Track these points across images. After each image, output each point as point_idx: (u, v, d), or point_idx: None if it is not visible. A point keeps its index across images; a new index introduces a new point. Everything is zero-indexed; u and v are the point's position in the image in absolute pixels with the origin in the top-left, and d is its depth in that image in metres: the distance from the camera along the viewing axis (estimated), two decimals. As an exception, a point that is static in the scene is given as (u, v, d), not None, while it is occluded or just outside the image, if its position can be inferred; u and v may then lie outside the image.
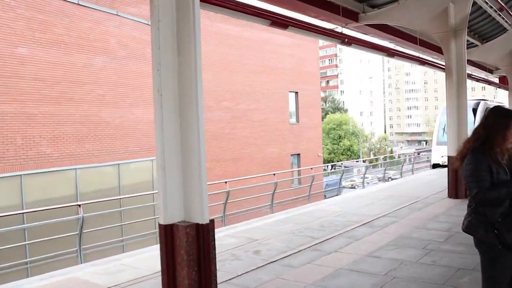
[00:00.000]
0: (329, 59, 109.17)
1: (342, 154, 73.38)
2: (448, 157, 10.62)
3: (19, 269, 11.40)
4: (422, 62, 13.59)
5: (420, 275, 5.34)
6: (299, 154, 30.40)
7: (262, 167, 26.56)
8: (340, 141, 74.68)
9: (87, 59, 16.20)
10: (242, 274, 5.51)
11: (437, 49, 13.26)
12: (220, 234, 7.88)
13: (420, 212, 9.08)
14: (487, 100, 21.19)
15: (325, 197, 17.01)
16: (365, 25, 10.72)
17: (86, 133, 16.42)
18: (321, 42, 46.21)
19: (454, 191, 10.39)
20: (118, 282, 5.35)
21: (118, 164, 18.04)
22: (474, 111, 18.99)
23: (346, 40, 9.46)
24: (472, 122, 17.78)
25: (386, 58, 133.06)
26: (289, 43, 29.52)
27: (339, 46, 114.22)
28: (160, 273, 5.64)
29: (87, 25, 16.26)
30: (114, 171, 18.03)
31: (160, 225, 3.78)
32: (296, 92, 30.05)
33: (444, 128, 18.86)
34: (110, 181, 17.93)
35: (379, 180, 23.21)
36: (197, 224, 3.76)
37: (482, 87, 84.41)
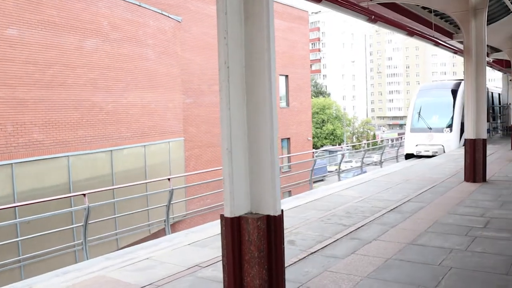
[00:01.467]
0: (312, 43, 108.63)
1: (326, 138, 73.42)
2: (466, 140, 10.30)
3: (9, 268, 10.80)
4: (438, 43, 13.32)
5: (477, 264, 5.00)
6: (289, 138, 30.07)
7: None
8: (323, 125, 74.57)
9: (79, 41, 15.44)
10: (287, 266, 5.09)
11: (449, 34, 13.63)
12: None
13: (444, 197, 8.76)
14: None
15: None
16: (379, 4, 10.27)
17: (79, 119, 15.72)
18: (308, 25, 45.65)
19: (472, 175, 10.11)
20: (152, 280, 4.89)
21: (111, 150, 17.42)
22: (454, 92, 18.28)
23: (373, 17, 9.05)
24: (451, 105, 17.88)
25: (369, 42, 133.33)
26: (283, 27, 29.04)
27: (322, 29, 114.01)
28: (196, 268, 5.25)
29: (78, 6, 15.49)
30: (107, 157, 17.41)
31: (225, 218, 3.31)
32: (287, 76, 29.62)
33: (419, 113, 18.48)
34: (103, 168, 17.31)
35: (375, 165, 22.82)
36: (268, 216, 3.31)
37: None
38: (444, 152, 17.36)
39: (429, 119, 18.40)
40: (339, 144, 71.59)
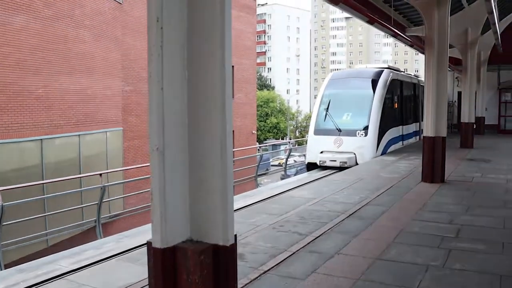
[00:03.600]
0: (258, 36, 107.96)
1: (269, 132, 73.10)
2: (424, 137, 9.68)
3: None
4: (396, 34, 12.76)
5: (461, 287, 4.21)
6: (233, 131, 29.01)
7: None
8: (267, 119, 74.19)
9: (6, 16, 13.69)
10: (235, 293, 4.09)
11: (402, 28, 13.26)
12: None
13: (404, 200, 8.04)
14: (392, 68, 16.99)
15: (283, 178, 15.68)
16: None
17: (4, 104, 13.99)
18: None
19: (430, 175, 9.50)
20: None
21: (41, 139, 15.75)
22: (374, 82, 14.67)
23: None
24: (368, 100, 14.26)
25: (314, 37, 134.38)
26: (227, 14, 27.81)
27: (267, 22, 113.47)
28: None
29: (5, -23, 13.72)
30: (37, 147, 15.73)
31: (153, 249, 2.25)
32: (232, 66, 28.43)
33: (327, 109, 14.61)
34: (32, 159, 15.63)
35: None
36: (216, 247, 2.27)
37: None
38: (356, 163, 13.48)
39: (338, 118, 14.40)
40: (282, 138, 71.45)
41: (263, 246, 5.44)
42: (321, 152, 13.94)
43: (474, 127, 17.20)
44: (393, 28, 12.77)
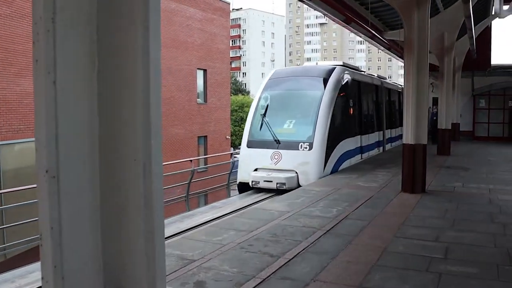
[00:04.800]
0: (232, 40, 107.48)
1: (244, 137, 72.32)
2: (404, 145, 9.14)
3: None
4: (374, 36, 12.23)
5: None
6: (206, 136, 28.21)
7: (165, 149, 24.15)
8: (242, 124, 73.45)
9: (-41, 14, 12.76)
10: (190, 337, 3.37)
11: (379, 31, 12.45)
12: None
13: (385, 213, 7.44)
14: (348, 66, 14.26)
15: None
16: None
17: (-43, 106, 13.05)
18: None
19: (410, 185, 8.95)
20: None
21: None
22: (323, 82, 11.94)
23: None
24: (316, 104, 11.53)
25: (289, 42, 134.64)
26: (199, 16, 27.12)
27: (242, 27, 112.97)
28: None
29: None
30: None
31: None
32: (205, 70, 27.76)
33: (264, 115, 11.89)
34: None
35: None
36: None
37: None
38: (298, 184, 10.73)
39: (278, 126, 11.65)
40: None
41: (228, 272, 4.73)
42: (255, 170, 11.20)
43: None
44: (370, 29, 12.25)
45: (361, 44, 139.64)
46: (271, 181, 10.71)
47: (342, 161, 12.31)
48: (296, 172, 10.87)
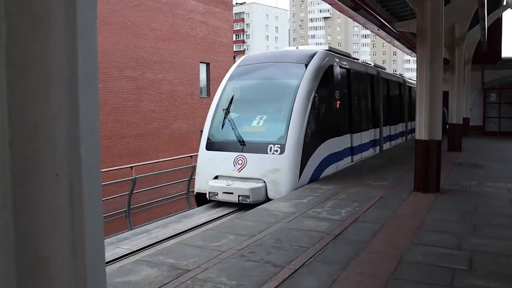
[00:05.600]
0: (236, 34, 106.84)
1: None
2: (417, 141, 8.55)
3: None
4: (384, 25, 11.63)
5: None
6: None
7: (168, 144, 23.67)
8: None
9: None
10: None
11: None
12: (129, 260, 5.14)
13: (398, 215, 6.87)
14: (333, 50, 11.71)
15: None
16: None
17: None
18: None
19: (423, 184, 8.38)
20: None
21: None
22: (301, 70, 9.70)
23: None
24: (294, 89, 9.34)
25: (293, 36, 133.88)
26: (201, 9, 26.58)
27: (246, 21, 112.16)
28: None
29: None
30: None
31: None
32: (208, 64, 27.23)
33: (227, 110, 9.61)
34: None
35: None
36: None
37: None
38: (266, 197, 8.66)
39: (244, 124, 9.57)
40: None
41: (225, 285, 4.19)
42: (216, 178, 9.18)
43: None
44: (379, 18, 11.62)
45: (365, 38, 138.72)
46: (232, 193, 8.63)
47: (326, 166, 10.10)
48: (264, 182, 8.75)
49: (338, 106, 10.98)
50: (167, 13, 24.03)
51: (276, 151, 8.86)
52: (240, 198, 8.53)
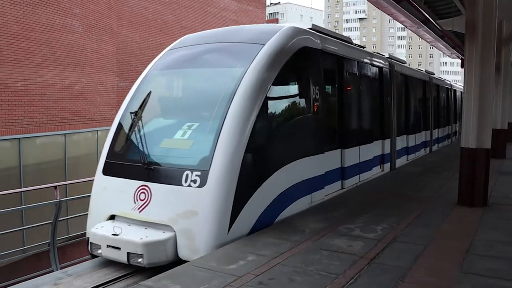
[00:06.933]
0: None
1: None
2: (462, 149, 7.65)
3: None
4: (427, 20, 10.78)
5: None
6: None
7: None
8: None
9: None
10: None
11: None
12: None
13: (442, 234, 6.01)
14: (315, 29, 8.03)
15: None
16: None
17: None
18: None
19: (468, 197, 7.48)
20: None
21: (19, 138, 14.04)
22: (252, 54, 6.40)
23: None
24: (234, 84, 6.00)
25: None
26: (234, 7, 26.09)
27: (280, 21, 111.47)
28: None
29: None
30: (14, 147, 14.00)
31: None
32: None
33: (135, 115, 6.45)
34: (8, 160, 13.93)
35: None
36: None
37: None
38: (175, 254, 5.47)
39: (158, 136, 6.42)
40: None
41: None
42: (112, 218, 6.07)
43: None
44: (423, 12, 10.72)
45: (401, 39, 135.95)
46: (119, 248, 5.47)
47: (289, 202, 6.69)
48: (174, 231, 5.53)
49: (314, 109, 7.39)
50: (199, 11, 23.61)
51: (194, 181, 5.54)
52: (130, 257, 5.40)
